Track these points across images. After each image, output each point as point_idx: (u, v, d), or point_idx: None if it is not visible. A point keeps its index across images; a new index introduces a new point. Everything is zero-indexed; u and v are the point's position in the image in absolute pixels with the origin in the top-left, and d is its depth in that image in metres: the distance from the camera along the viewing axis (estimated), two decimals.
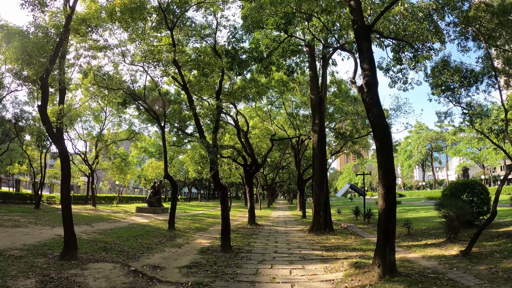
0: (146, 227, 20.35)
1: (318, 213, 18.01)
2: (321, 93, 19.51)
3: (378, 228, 8.67)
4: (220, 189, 12.59)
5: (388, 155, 8.70)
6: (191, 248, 14.11)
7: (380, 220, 8.57)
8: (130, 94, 22.07)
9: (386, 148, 8.73)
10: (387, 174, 8.51)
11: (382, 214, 8.47)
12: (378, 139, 8.86)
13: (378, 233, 8.72)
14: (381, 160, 8.62)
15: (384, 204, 8.43)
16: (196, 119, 13.91)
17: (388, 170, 8.55)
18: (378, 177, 8.70)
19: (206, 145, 12.43)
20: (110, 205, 41.69)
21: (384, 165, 8.58)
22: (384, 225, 8.40)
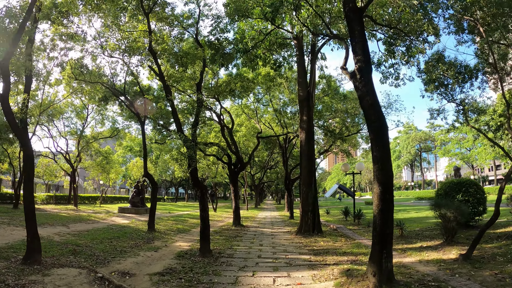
0: (125, 228, 19.31)
1: (306, 214, 17.00)
2: (309, 88, 18.53)
3: (373, 232, 7.65)
4: (198, 187, 11.49)
5: (384, 148, 7.71)
6: (168, 251, 13.02)
7: (375, 222, 7.55)
8: (109, 88, 20.84)
9: (382, 140, 7.73)
10: (383, 170, 7.51)
11: (378, 216, 7.45)
12: (372, 130, 7.85)
13: (373, 237, 7.70)
14: (377, 155, 7.61)
15: (380, 205, 7.42)
16: (173, 110, 12.79)
17: (384, 165, 7.55)
18: (373, 173, 7.69)
19: (184, 140, 11.33)
20: (93, 205, 40.51)
21: (380, 159, 7.58)
22: (380, 228, 7.39)
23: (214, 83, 22.41)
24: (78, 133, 37.42)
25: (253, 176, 52.86)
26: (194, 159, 11.33)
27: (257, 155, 46.30)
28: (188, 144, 11.20)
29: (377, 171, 7.51)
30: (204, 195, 11.38)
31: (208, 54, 16.22)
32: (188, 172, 11.67)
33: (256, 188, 58.76)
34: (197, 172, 11.73)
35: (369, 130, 8.05)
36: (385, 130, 7.81)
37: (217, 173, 39.32)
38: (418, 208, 33.96)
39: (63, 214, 25.06)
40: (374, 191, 7.59)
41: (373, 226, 7.61)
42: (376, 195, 7.48)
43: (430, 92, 21.28)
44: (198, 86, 13.81)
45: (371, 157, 7.93)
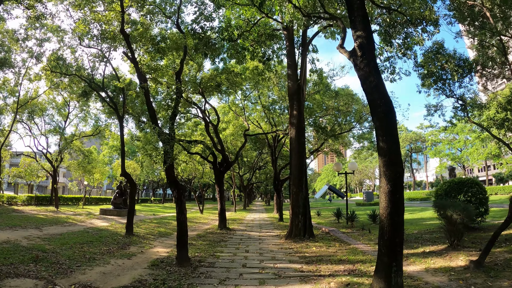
0: (102, 231, 17.91)
1: (297, 217, 15.65)
2: (299, 80, 17.21)
3: (380, 240, 6.32)
4: (175, 187, 10.07)
5: (393, 138, 6.40)
6: (143, 259, 11.60)
7: (382, 229, 6.23)
8: (87, 81, 19.41)
9: (390, 128, 6.43)
10: (392, 165, 6.20)
11: (386, 221, 6.13)
12: (378, 116, 6.53)
13: (380, 246, 6.38)
14: (383, 146, 6.30)
15: (388, 207, 6.10)
16: (147, 99, 11.39)
17: (394, 158, 6.25)
18: (380, 169, 6.37)
19: (158, 132, 9.92)
20: (75, 206, 38.76)
21: (388, 152, 6.27)
22: (389, 236, 6.07)
23: (199, 77, 21.07)
24: (60, 131, 35.74)
25: (242, 177, 51.51)
26: (170, 155, 9.93)
27: (245, 155, 45.04)
28: (163, 137, 9.81)
29: (384, 166, 6.19)
30: (181, 196, 9.96)
31: (191, 43, 14.89)
32: (163, 169, 10.26)
33: (245, 189, 57.41)
34: (173, 170, 10.32)
35: (373, 117, 6.72)
36: (393, 116, 6.52)
37: (204, 173, 37.84)
38: (412, 209, 32.88)
39: (40, 216, 23.70)
40: (381, 190, 6.27)
41: (380, 233, 6.29)
42: (384, 195, 6.16)
43: (427, 87, 20.20)
44: (177, 75, 12.40)
45: (377, 149, 6.62)
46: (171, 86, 13.64)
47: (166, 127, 24.25)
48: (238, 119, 32.54)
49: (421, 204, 41.81)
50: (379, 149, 6.41)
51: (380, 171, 6.34)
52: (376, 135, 6.65)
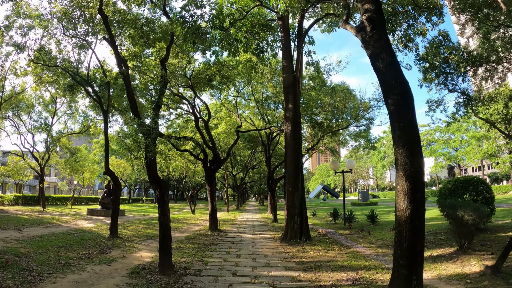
0: (85, 233, 16.78)
1: (292, 218, 14.56)
2: (295, 72, 16.14)
3: (398, 249, 5.27)
4: (156, 185, 8.95)
5: (410, 124, 5.39)
6: (123, 265, 10.49)
7: (401, 235, 5.18)
8: (70, 73, 18.28)
9: (407, 113, 5.41)
10: (411, 156, 5.17)
11: (405, 226, 5.09)
12: (393, 100, 5.50)
13: (396, 256, 5.33)
14: (401, 135, 5.27)
15: (408, 208, 5.07)
16: (127, 87, 10.27)
17: (413, 148, 5.22)
18: (396, 163, 5.34)
19: (138, 123, 8.81)
20: (63, 206, 37.51)
21: (405, 141, 5.24)
22: (409, 243, 5.03)
23: (190, 71, 20.03)
24: (48, 128, 34.39)
25: (235, 176, 50.39)
26: (151, 149, 8.83)
27: (238, 154, 44.00)
28: (143, 129, 8.69)
29: (403, 159, 5.16)
30: (164, 195, 8.83)
31: (179, 31, 13.79)
32: (145, 165, 9.15)
33: (238, 189, 56.30)
34: (155, 166, 9.22)
35: (387, 100, 5.67)
36: (411, 99, 5.47)
37: (196, 172, 36.67)
38: None
39: (24, 216, 22.59)
40: (398, 188, 5.23)
41: (397, 240, 5.24)
42: (402, 194, 5.12)
43: (429, 82, 19.28)
44: (162, 63, 11.30)
45: (392, 140, 5.57)
46: (157, 77, 12.53)
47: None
48: (231, 116, 31.46)
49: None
50: (395, 139, 5.37)
51: (397, 166, 5.31)
52: (391, 122, 5.60)
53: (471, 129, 57.66)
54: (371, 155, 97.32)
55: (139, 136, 9.20)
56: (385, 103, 5.78)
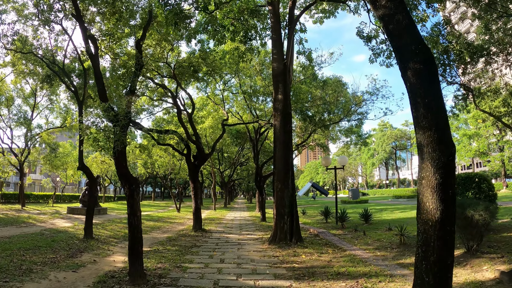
0: (59, 234, 15.53)
1: (282, 218, 13.35)
2: (286, 60, 14.93)
3: (423, 263, 4.11)
4: (125, 181, 7.68)
5: (437, 100, 4.25)
6: (92, 272, 9.23)
7: (427, 244, 4.02)
8: (44, 60, 16.96)
9: (432, 84, 4.26)
10: (440, 142, 4.02)
11: (433, 232, 3.95)
12: (414, 70, 4.38)
13: (419, 271, 4.17)
14: (425, 113, 4.14)
15: (438, 210, 3.94)
16: (95, 67, 8.97)
17: (442, 132, 4.08)
18: (420, 151, 4.18)
19: (105, 109, 7.53)
20: (45, 204, 36.02)
21: (432, 122, 4.11)
22: (438, 255, 3.89)
23: (174, 61, 18.80)
24: (27, 122, 32.72)
25: (222, 173, 49.11)
26: (120, 138, 7.57)
27: (226, 150, 42.80)
28: (109, 114, 7.42)
29: (430, 145, 4.02)
30: (133, 193, 7.56)
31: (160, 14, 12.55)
32: (112, 157, 7.88)
33: (226, 186, 55.00)
34: (125, 159, 7.94)
35: (405, 72, 4.52)
36: (435, 68, 4.33)
37: (181, 169, 35.36)
38: (402, 207, 31.15)
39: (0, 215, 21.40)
40: (424, 183, 4.07)
41: (422, 251, 4.08)
42: (430, 190, 3.96)
43: None
44: (137, 44, 9.99)
45: (413, 123, 4.40)
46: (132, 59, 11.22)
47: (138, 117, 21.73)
48: (218, 111, 30.22)
49: (409, 202, 40.26)
50: (418, 120, 4.22)
51: (421, 155, 4.16)
52: (411, 99, 4.44)
53: (461, 127, 57.22)
54: (360, 152, 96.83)
55: (106, 124, 7.94)
56: (403, 76, 4.62)
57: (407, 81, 4.50)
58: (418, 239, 4.31)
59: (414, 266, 4.43)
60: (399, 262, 9.67)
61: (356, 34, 17.47)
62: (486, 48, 16.56)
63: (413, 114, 4.40)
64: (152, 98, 22.98)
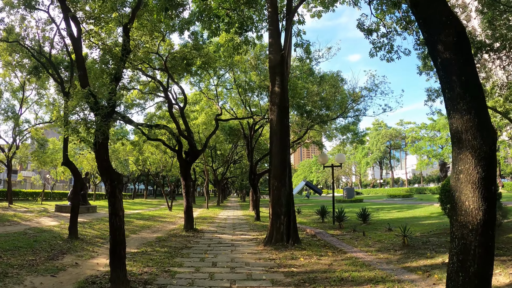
0: (43, 233, 14.69)
1: (278, 218, 12.58)
2: (283, 51, 14.16)
3: (458, 274, 3.42)
4: (107, 176, 6.87)
5: (475, 76, 3.53)
6: (72, 276, 8.45)
7: (466, 251, 3.32)
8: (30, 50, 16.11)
9: (468, 60, 3.56)
10: (482, 128, 3.31)
11: (474, 237, 3.28)
12: (447, 44, 3.69)
13: (455, 285, 3.40)
14: (462, 94, 3.43)
15: (480, 210, 3.30)
16: (77, 50, 8.16)
17: (483, 115, 3.33)
18: (455, 138, 3.46)
19: (86, 96, 6.73)
20: (34, 202, 34.99)
21: (472, 102, 3.33)
22: (479, 265, 3.20)
23: (166, 53, 18.04)
24: (15, 117, 31.66)
25: (215, 171, 48.28)
26: (104, 132, 6.78)
27: (219, 147, 41.99)
28: (89, 101, 6.62)
29: (469, 131, 3.34)
30: (116, 190, 6.75)
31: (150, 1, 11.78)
32: (92, 149, 7.07)
33: (219, 184, 54.15)
34: (107, 152, 7.13)
35: (435, 47, 3.81)
36: (468, 41, 3.61)
37: (173, 166, 34.50)
38: (398, 206, 30.68)
39: None
40: (463, 178, 3.41)
41: (457, 261, 3.38)
42: (471, 186, 3.30)
43: (429, 69, 17.72)
44: (125, 28, 9.18)
45: (445, 106, 3.67)
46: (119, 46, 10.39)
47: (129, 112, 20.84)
48: (212, 107, 29.42)
49: (404, 202, 39.86)
50: (453, 103, 3.52)
51: (458, 143, 3.45)
52: (443, 79, 3.73)
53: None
54: (355, 151, 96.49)
55: (88, 115, 7.15)
56: (432, 52, 3.89)
57: (437, 57, 3.77)
58: (452, 246, 3.58)
59: (446, 279, 3.70)
60: (405, 265, 8.97)
61: (357, 27, 16.84)
62: (490, 44, 15.96)
63: (446, 96, 3.67)
64: (143, 91, 22.19)
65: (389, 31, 17.03)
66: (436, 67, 3.88)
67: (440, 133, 63.15)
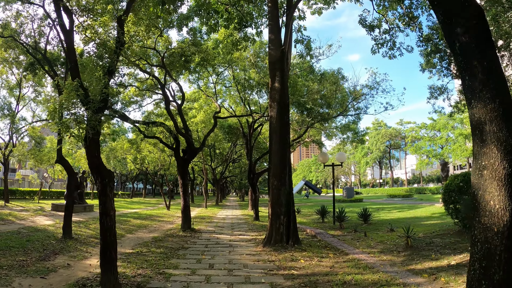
0: (37, 233, 14.25)
1: (278, 218, 12.22)
2: (283, 46, 13.79)
3: (481, 283, 2.99)
4: (97, 174, 6.50)
5: (497, 62, 3.21)
6: (63, 278, 8.11)
7: (489, 257, 3.16)
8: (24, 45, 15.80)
9: (489, 44, 3.26)
10: (510, 115, 2.95)
11: (500, 240, 3.11)
12: (466, 27, 3.44)
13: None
14: (485, 80, 3.30)
15: (507, 210, 2.88)
16: (68, 41, 7.82)
17: (508, 104, 2.97)
18: (478, 129, 3.10)
19: (75, 88, 6.36)
20: (31, 201, 34.64)
21: (494, 90, 3.01)
22: (505, 272, 2.80)
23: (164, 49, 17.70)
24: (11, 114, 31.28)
25: (214, 170, 47.89)
26: (93, 124, 6.41)
27: (218, 146, 41.64)
28: (79, 93, 6.25)
29: (494, 122, 3.14)
30: (106, 188, 6.39)
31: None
32: (83, 145, 6.72)
33: (218, 184, 53.75)
34: (98, 149, 6.76)
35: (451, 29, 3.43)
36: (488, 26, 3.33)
37: (171, 165, 34.12)
38: (399, 206, 30.32)
39: None
40: (487, 174, 3.16)
41: (480, 265, 3.08)
42: (497, 183, 3.19)
43: (432, 67, 17.38)
44: (119, 20, 8.81)
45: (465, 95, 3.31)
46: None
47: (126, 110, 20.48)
48: (211, 105, 29.05)
49: (404, 201, 39.54)
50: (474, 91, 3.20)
51: (481, 136, 3.09)
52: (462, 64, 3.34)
53: (457, 127, 56.69)
54: (354, 151, 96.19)
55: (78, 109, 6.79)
56: (449, 37, 3.54)
57: (455, 41, 3.41)
58: (474, 251, 3.22)
59: (467, 284, 3.34)
60: (409, 268, 8.61)
61: (359, 23, 16.52)
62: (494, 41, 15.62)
63: (465, 84, 3.31)
64: (141, 89, 21.84)
65: (391, 27, 16.72)
66: (454, 53, 3.53)
67: (440, 133, 62.84)
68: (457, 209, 11.99)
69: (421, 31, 16.31)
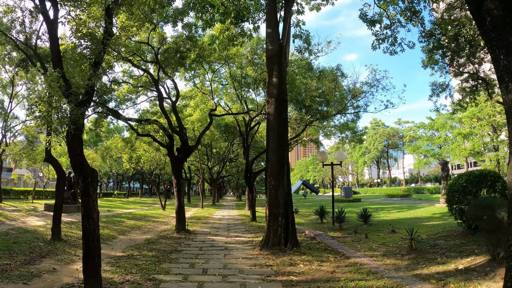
0: (26, 234, 13.79)
1: (276, 219, 11.67)
2: (281, 40, 13.26)
3: None
4: (79, 172, 5.95)
5: None
6: (46, 284, 7.66)
7: None
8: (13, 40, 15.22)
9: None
10: None
11: None
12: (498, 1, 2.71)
13: None
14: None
15: None
16: (51, 30, 7.29)
17: None
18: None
19: (56, 79, 5.82)
20: (24, 201, 34.08)
21: None
22: None
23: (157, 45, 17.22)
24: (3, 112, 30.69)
25: (211, 169, 47.34)
26: (74, 119, 5.88)
27: (215, 145, 41.14)
28: (60, 84, 5.71)
29: None
30: (89, 189, 5.85)
31: None
32: (65, 141, 6.18)
33: (214, 183, 53.20)
34: (81, 145, 6.22)
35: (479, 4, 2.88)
36: None
37: (167, 164, 33.55)
38: (398, 206, 29.91)
39: None
40: None
41: None
42: None
43: (433, 63, 16.91)
44: (108, 10, 8.26)
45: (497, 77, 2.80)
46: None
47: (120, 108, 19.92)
48: (207, 103, 28.49)
49: (403, 201, 39.12)
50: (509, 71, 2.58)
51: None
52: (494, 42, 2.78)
53: (456, 127, 56.37)
54: (352, 150, 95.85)
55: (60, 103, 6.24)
56: (476, 13, 3.04)
57: (486, 16, 2.89)
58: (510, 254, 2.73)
59: None
60: (415, 273, 8.11)
61: (359, 17, 15.98)
62: None
63: (500, 64, 2.79)
64: (135, 86, 21.31)
65: (392, 22, 16.22)
66: (483, 30, 3.04)
67: (438, 132, 62.53)
68: (462, 209, 11.52)
69: (423, 26, 15.82)
